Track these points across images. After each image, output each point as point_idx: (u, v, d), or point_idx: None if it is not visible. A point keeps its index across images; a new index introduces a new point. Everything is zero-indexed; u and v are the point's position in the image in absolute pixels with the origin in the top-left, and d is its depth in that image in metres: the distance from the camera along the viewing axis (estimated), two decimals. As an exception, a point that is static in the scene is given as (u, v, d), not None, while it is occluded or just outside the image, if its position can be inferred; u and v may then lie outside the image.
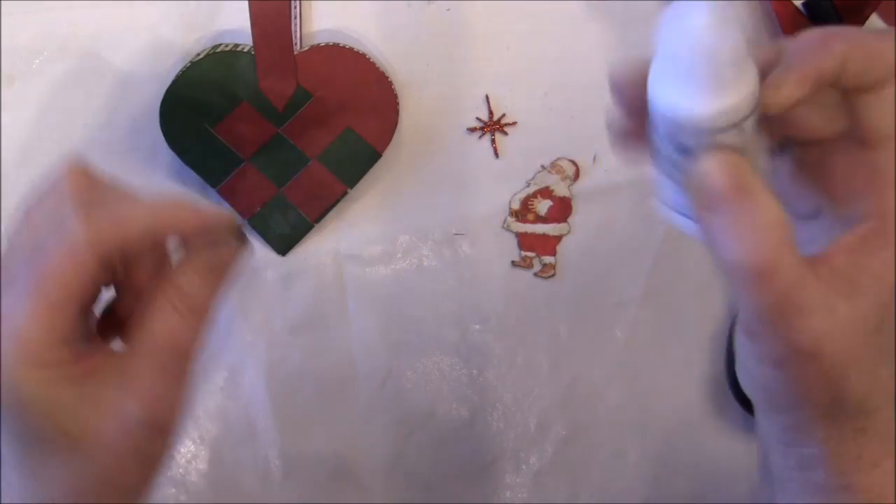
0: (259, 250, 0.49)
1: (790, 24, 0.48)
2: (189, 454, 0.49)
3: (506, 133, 0.48)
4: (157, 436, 0.36)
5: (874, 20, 0.48)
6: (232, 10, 0.46)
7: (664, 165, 0.28)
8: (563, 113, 0.48)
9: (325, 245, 0.49)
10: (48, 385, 0.33)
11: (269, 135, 0.48)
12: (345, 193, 0.48)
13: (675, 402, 0.48)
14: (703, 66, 0.25)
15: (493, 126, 0.48)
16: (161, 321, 0.36)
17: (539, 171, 0.48)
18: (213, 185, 0.49)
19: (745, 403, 0.49)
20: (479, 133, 0.48)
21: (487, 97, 0.48)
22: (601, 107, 0.48)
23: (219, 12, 0.47)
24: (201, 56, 0.46)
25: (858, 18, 0.48)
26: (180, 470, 0.49)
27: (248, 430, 0.49)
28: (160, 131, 0.48)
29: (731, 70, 0.25)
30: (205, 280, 0.38)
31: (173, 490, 0.49)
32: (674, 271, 0.49)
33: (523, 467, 0.49)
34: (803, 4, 0.48)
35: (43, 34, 0.46)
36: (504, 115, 0.48)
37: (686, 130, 0.26)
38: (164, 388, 0.36)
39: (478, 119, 0.48)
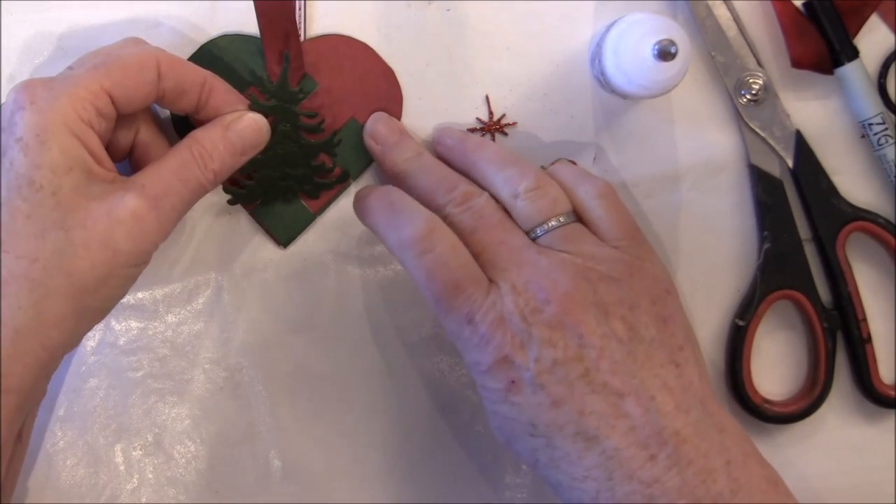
0: (259, 250, 0.49)
1: (790, 24, 0.48)
2: (189, 454, 0.49)
3: (506, 133, 0.48)
4: (137, 236, 0.39)
5: (874, 20, 0.48)
6: (233, 10, 0.46)
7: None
8: (563, 113, 0.48)
9: (325, 245, 0.49)
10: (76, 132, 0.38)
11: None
12: (348, 184, 0.48)
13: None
14: None
15: (493, 126, 0.48)
16: (175, 156, 0.41)
17: (539, 172, 0.48)
18: None
19: (746, 403, 0.49)
20: (479, 133, 0.48)
21: (487, 97, 0.48)
22: (601, 107, 0.48)
23: (220, 12, 0.47)
24: (210, 41, 0.46)
25: (858, 18, 0.48)
26: (180, 470, 0.49)
27: (248, 430, 0.49)
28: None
29: None
30: (222, 137, 0.43)
31: (173, 490, 0.49)
32: (674, 271, 0.49)
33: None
34: (803, 4, 0.48)
35: (43, 34, 0.46)
36: (504, 115, 0.48)
37: None
38: (161, 198, 0.40)
39: (478, 119, 0.48)
